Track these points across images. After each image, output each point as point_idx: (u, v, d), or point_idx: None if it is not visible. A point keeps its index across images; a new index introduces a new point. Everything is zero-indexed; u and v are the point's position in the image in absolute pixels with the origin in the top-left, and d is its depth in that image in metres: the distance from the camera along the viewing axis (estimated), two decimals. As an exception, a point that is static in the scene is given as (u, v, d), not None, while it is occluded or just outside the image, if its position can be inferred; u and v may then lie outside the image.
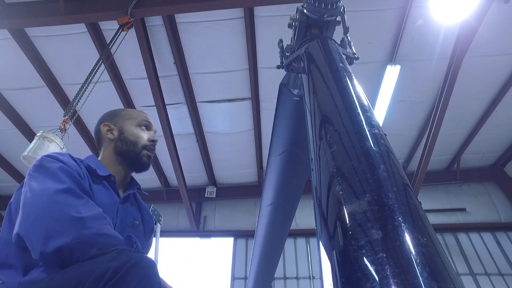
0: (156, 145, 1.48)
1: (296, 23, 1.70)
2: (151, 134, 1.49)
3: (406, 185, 0.74)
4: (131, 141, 1.41)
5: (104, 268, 0.83)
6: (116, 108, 1.58)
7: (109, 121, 1.46)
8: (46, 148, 3.26)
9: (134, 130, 1.44)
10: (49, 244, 0.91)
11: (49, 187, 1.03)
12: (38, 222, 0.96)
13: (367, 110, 0.98)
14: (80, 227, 0.94)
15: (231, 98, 5.84)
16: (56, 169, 1.10)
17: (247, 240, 7.08)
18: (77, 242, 0.91)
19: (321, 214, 0.77)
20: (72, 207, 0.98)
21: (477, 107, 6.20)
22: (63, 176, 1.09)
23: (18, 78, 5.34)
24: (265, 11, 4.67)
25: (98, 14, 4.40)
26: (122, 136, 1.42)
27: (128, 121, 1.46)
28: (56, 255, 0.91)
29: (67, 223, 0.94)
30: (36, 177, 1.09)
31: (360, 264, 0.56)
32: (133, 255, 0.89)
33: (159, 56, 5.08)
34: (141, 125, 1.47)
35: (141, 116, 1.51)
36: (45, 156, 1.18)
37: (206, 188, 7.78)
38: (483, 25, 4.52)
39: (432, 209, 7.08)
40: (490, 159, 7.57)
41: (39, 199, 1.01)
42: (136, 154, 1.39)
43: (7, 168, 7.01)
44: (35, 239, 0.95)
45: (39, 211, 0.99)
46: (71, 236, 0.92)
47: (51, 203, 0.99)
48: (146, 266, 0.87)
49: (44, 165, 1.13)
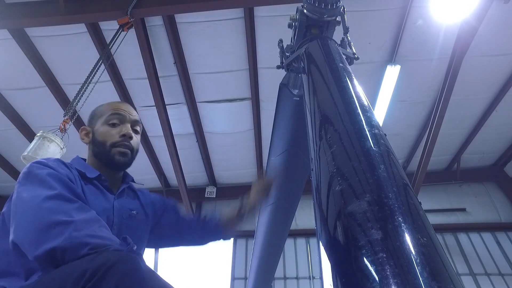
0: (129, 139, 1.34)
1: (296, 23, 1.71)
2: (123, 127, 1.35)
3: (406, 185, 0.74)
4: (99, 142, 1.33)
5: (83, 269, 0.81)
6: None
7: (88, 124, 1.42)
8: (46, 148, 3.27)
9: (101, 129, 1.35)
10: (41, 248, 0.91)
11: (38, 194, 1.02)
12: (30, 228, 0.97)
13: (367, 110, 0.99)
14: (71, 229, 0.93)
15: (231, 98, 5.84)
16: (45, 175, 1.10)
17: (247, 240, 7.08)
18: (67, 242, 0.90)
19: (321, 214, 0.77)
20: (62, 213, 0.97)
21: (477, 107, 6.19)
22: (52, 182, 1.08)
23: (18, 78, 5.34)
24: (265, 11, 4.67)
25: (98, 14, 4.40)
26: (94, 138, 1.36)
27: (98, 120, 1.38)
28: (49, 257, 0.91)
29: (58, 228, 0.93)
30: (25, 185, 1.09)
31: (360, 264, 0.56)
32: (113, 254, 0.85)
33: (159, 56, 5.08)
34: (109, 121, 1.35)
35: (109, 110, 1.38)
36: (34, 162, 1.17)
37: (206, 188, 7.78)
38: (483, 25, 4.52)
39: (432, 209, 7.08)
40: (490, 159, 7.57)
41: (30, 207, 1.01)
42: (106, 154, 1.31)
43: (7, 168, 7.00)
44: (28, 245, 0.95)
45: (29, 218, 0.99)
46: (62, 238, 0.91)
47: (41, 210, 0.98)
48: (126, 265, 0.83)
49: (32, 172, 1.12)
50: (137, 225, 1.35)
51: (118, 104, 1.42)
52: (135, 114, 1.43)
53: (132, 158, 1.37)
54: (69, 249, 0.90)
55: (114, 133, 1.33)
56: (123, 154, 1.32)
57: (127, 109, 1.41)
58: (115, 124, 1.35)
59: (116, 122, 1.35)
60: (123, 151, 1.32)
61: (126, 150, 1.33)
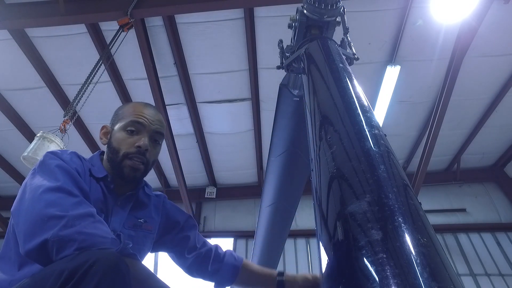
0: (144, 152, 1.22)
1: (296, 24, 1.70)
2: (141, 138, 1.23)
3: (406, 185, 0.74)
4: (113, 148, 1.24)
5: (60, 269, 0.79)
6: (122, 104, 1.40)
7: (110, 123, 1.33)
8: (46, 149, 3.26)
9: (118, 134, 1.25)
10: (31, 241, 0.91)
11: (41, 185, 1.03)
12: (25, 218, 0.97)
13: (367, 111, 0.98)
14: (61, 225, 0.91)
15: (231, 99, 5.84)
16: (54, 166, 1.10)
17: (247, 240, 7.07)
18: (56, 239, 0.88)
19: (321, 214, 0.77)
20: (57, 206, 0.96)
21: (477, 108, 6.20)
22: (58, 174, 1.07)
23: (18, 79, 5.34)
24: (265, 11, 4.67)
25: (98, 15, 4.40)
26: (110, 142, 1.27)
27: (119, 123, 1.28)
28: (38, 252, 0.90)
29: (49, 221, 0.92)
30: (36, 173, 1.10)
31: (360, 265, 0.56)
32: (94, 254, 0.82)
33: (159, 57, 5.08)
34: (127, 127, 1.25)
35: (131, 115, 1.27)
36: (49, 152, 1.17)
37: (206, 188, 7.78)
38: (483, 25, 4.52)
39: (432, 210, 7.08)
40: (490, 159, 7.57)
41: (30, 195, 1.02)
42: (117, 164, 1.22)
43: (7, 169, 7.00)
44: (21, 236, 0.95)
45: (26, 207, 0.99)
46: (51, 233, 0.89)
47: (38, 201, 0.98)
48: (108, 265, 0.79)
49: (45, 161, 1.13)
50: (143, 235, 1.29)
51: (142, 109, 1.29)
52: (158, 122, 1.30)
53: (145, 172, 1.27)
54: (57, 247, 0.88)
55: (130, 142, 1.23)
56: (134, 170, 1.22)
57: (151, 116, 1.28)
58: (133, 132, 1.24)
59: (134, 130, 1.24)
60: (135, 166, 1.21)
61: (139, 165, 1.22)
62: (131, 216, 1.28)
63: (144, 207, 1.34)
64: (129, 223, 1.27)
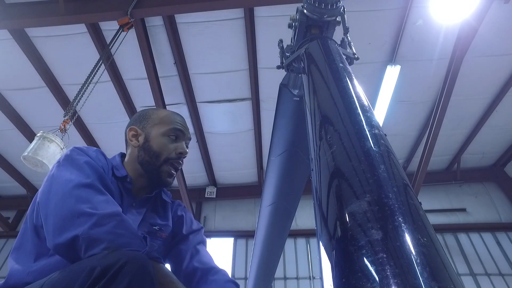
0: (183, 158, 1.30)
1: (296, 23, 1.70)
2: (181, 145, 1.31)
3: (406, 185, 0.74)
4: (154, 152, 1.27)
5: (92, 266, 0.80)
6: (148, 108, 1.42)
7: (137, 125, 1.34)
8: (46, 149, 3.27)
9: (159, 139, 1.28)
10: (61, 236, 0.92)
11: (72, 179, 1.03)
12: (56, 212, 0.98)
13: (367, 110, 0.98)
14: (92, 223, 0.92)
15: (231, 99, 5.84)
16: (83, 162, 1.11)
17: (247, 240, 7.08)
18: (86, 236, 0.90)
19: (321, 214, 0.77)
20: (88, 203, 0.97)
21: (477, 108, 6.20)
22: (88, 170, 1.09)
23: (18, 78, 5.34)
24: (265, 11, 4.67)
25: (98, 15, 4.40)
26: (147, 145, 1.28)
27: (157, 127, 1.31)
28: (67, 247, 0.91)
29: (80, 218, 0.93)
30: (64, 166, 1.10)
31: (360, 264, 0.56)
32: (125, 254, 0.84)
33: (159, 57, 5.08)
34: (169, 134, 1.30)
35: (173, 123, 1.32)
36: (75, 147, 1.19)
37: (206, 188, 7.78)
38: (483, 26, 4.52)
39: (432, 209, 7.08)
40: (490, 159, 7.57)
41: (61, 189, 1.02)
42: (156, 168, 1.26)
43: (7, 168, 7.01)
44: (51, 229, 0.96)
45: (58, 201, 1.00)
46: (81, 230, 0.91)
47: (70, 196, 0.99)
48: (138, 266, 0.81)
49: (73, 156, 1.14)
50: (157, 243, 1.27)
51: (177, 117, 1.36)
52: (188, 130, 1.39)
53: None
54: (86, 244, 0.90)
55: (171, 148, 1.28)
56: (171, 175, 1.29)
57: (185, 125, 1.37)
58: (173, 139, 1.30)
59: (175, 137, 1.31)
60: (172, 172, 1.28)
61: (175, 172, 1.29)
62: (146, 222, 1.27)
63: (159, 213, 1.34)
64: (143, 228, 1.25)
